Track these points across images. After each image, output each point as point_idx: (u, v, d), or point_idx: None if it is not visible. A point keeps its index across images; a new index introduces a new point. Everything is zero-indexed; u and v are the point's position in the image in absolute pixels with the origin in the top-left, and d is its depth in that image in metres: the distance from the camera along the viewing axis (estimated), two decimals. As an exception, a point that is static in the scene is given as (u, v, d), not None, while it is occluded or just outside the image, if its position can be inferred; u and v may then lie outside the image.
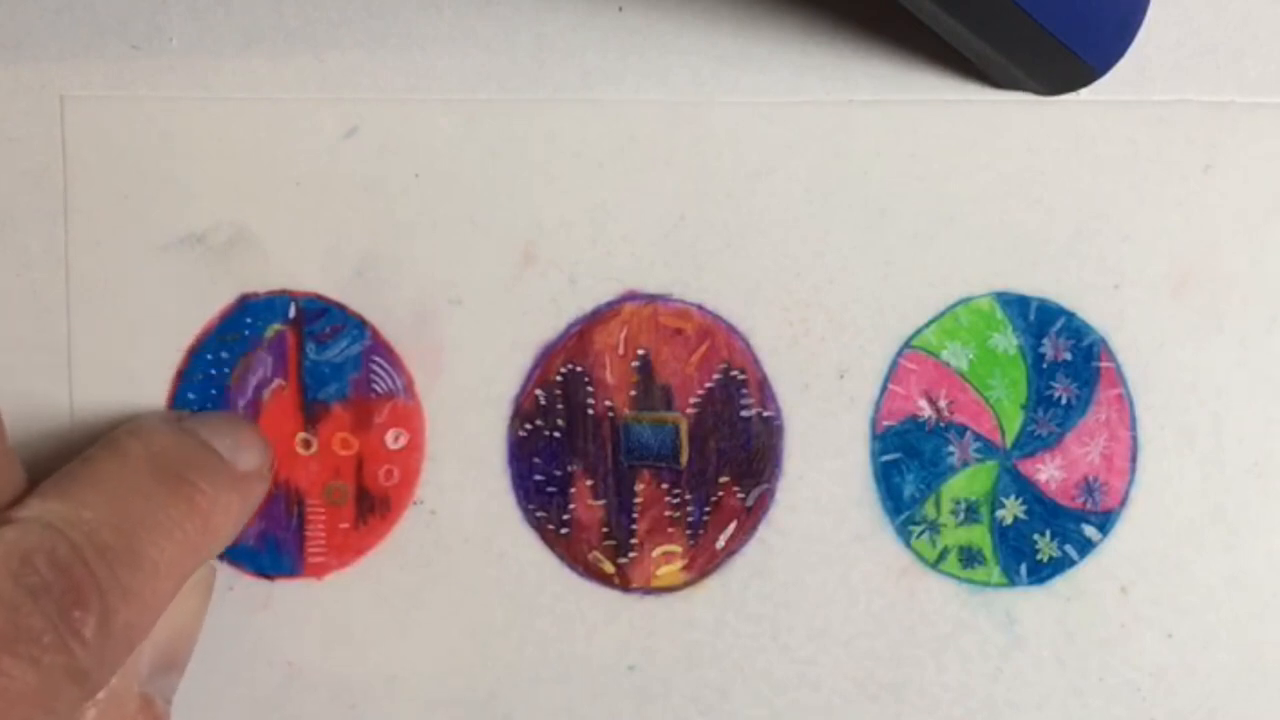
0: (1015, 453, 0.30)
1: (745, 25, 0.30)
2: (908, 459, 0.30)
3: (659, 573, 0.30)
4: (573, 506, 0.30)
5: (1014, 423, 0.30)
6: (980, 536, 0.30)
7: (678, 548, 0.30)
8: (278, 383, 0.30)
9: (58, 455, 0.29)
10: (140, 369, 0.30)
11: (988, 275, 0.30)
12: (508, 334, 0.30)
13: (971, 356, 0.30)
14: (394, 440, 0.30)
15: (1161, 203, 0.30)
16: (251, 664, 0.30)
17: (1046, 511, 0.30)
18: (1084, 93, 0.30)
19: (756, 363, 0.30)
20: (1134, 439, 0.30)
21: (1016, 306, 0.30)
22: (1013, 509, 0.30)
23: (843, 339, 0.30)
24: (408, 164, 0.30)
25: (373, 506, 0.30)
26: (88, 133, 0.30)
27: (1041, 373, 0.30)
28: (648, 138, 0.30)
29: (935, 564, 0.30)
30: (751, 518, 0.30)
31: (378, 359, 0.30)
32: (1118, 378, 0.30)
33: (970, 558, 0.30)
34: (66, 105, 0.30)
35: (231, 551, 0.30)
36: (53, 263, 0.30)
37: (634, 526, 0.30)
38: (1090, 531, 0.30)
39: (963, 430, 0.30)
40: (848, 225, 0.30)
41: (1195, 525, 0.30)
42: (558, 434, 0.30)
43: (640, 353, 0.30)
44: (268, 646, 0.30)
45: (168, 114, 0.30)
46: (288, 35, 0.30)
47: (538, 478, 0.30)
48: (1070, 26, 0.27)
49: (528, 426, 0.30)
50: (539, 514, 0.30)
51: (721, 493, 0.30)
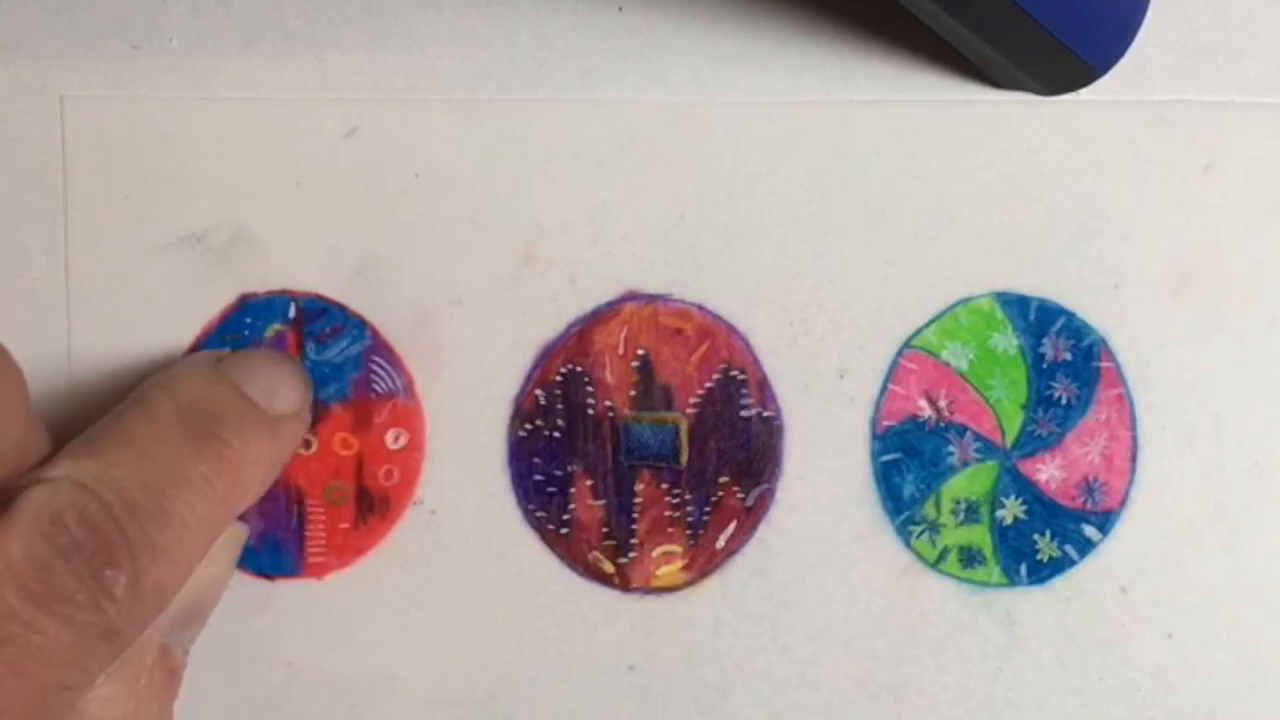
0: (1015, 453, 0.30)
1: (745, 25, 0.30)
2: (908, 459, 0.30)
3: (659, 573, 0.30)
4: (573, 506, 0.30)
5: (1014, 423, 0.30)
6: (980, 536, 0.30)
7: (678, 548, 0.30)
8: (278, 383, 0.30)
9: (58, 455, 0.29)
10: (140, 369, 0.30)
11: (988, 275, 0.30)
12: (508, 334, 0.30)
13: (971, 356, 0.30)
14: (394, 440, 0.30)
15: (1161, 203, 0.30)
16: (251, 664, 0.30)
17: (1046, 511, 0.30)
18: (1084, 93, 0.30)
19: (756, 363, 0.30)
20: (1134, 439, 0.30)
21: (1016, 306, 0.30)
22: (1013, 509, 0.30)
23: (843, 339, 0.30)
24: (408, 164, 0.30)
25: (373, 506, 0.30)
26: (88, 133, 0.30)
27: (1041, 373, 0.30)
28: (648, 138, 0.30)
29: (935, 564, 0.30)
30: (751, 518, 0.30)
31: (378, 359, 0.30)
32: (1118, 378, 0.30)
33: (970, 558, 0.30)
34: (66, 105, 0.30)
35: (231, 551, 0.30)
36: (53, 263, 0.30)
37: (634, 526, 0.30)
38: (1090, 531, 0.30)
39: (963, 430, 0.30)
40: (848, 225, 0.30)
41: (1195, 525, 0.30)
42: (558, 434, 0.30)
43: (640, 353, 0.30)
44: (268, 646, 0.30)
45: (168, 114, 0.30)
46: (288, 35, 0.30)
47: (538, 478, 0.30)
48: (1070, 26, 0.27)
49: (528, 426, 0.30)
50: (539, 514, 0.30)
51: (721, 493, 0.30)
